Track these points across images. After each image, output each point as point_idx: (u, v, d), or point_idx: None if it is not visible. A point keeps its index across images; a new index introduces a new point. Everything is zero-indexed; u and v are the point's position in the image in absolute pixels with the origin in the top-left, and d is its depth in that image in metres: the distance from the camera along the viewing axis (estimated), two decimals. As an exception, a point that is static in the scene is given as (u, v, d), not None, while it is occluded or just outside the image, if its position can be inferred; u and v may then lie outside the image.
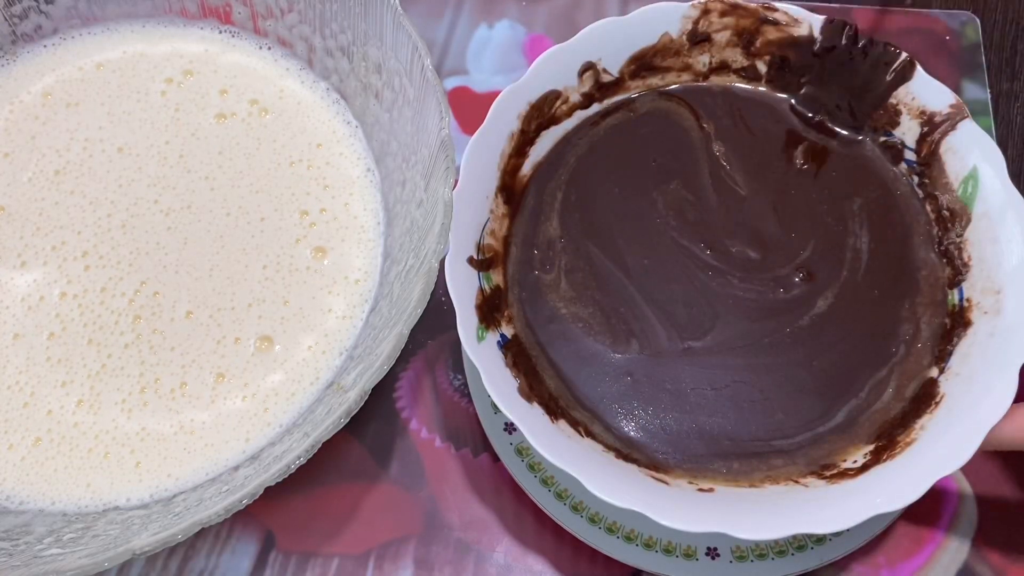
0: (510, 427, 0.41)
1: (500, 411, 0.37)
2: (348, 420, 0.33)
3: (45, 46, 0.46)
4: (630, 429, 0.36)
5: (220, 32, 0.46)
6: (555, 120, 0.40)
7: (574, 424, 0.36)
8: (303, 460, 0.33)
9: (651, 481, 0.34)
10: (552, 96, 0.40)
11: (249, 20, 0.46)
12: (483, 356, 0.35)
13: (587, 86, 0.40)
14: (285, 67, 0.46)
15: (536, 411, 0.35)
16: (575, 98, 0.40)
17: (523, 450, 0.40)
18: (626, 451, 0.35)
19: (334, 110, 0.45)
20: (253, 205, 0.43)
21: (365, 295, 0.41)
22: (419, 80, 0.39)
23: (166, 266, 0.42)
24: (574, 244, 0.39)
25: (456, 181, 0.37)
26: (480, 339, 0.35)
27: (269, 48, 0.46)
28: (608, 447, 0.35)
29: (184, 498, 0.37)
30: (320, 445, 0.33)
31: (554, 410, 0.36)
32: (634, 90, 0.42)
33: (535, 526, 0.42)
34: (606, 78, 0.41)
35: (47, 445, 0.39)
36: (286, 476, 0.32)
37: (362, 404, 0.34)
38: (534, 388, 0.36)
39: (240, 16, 0.46)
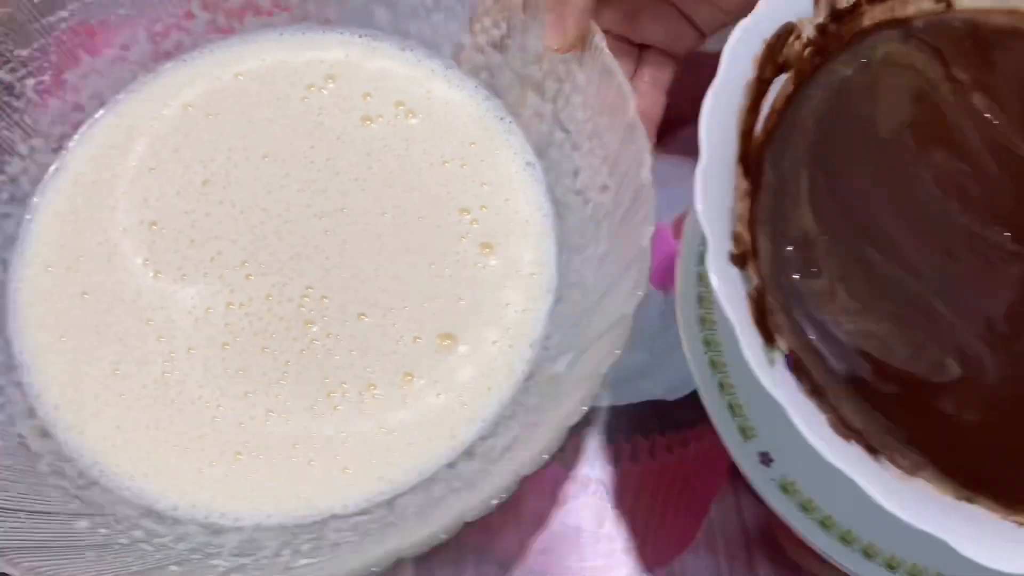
0: (765, 458, 0.35)
1: (751, 438, 0.34)
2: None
3: (184, 60, 0.45)
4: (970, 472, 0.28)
5: (360, 36, 0.45)
6: (787, 65, 0.33)
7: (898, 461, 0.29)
8: (555, 447, 0.30)
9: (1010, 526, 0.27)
10: (786, 31, 0.32)
11: (391, 23, 0.45)
12: (780, 384, 0.27)
13: (822, 15, 0.33)
14: (430, 68, 0.45)
15: (855, 450, 0.28)
16: (809, 33, 0.33)
17: (787, 486, 0.34)
18: (967, 494, 0.28)
19: (485, 107, 0.44)
20: (409, 204, 0.41)
21: (544, 287, 0.40)
22: (591, 62, 0.38)
23: (328, 269, 0.40)
24: (843, 246, 0.31)
25: (652, 160, 0.35)
26: (771, 362, 0.28)
27: (412, 50, 0.45)
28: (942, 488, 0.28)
29: (408, 500, 0.35)
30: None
31: (873, 447, 0.29)
32: (869, 20, 0.34)
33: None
34: (842, 3, 0.33)
35: (247, 458, 0.36)
36: (541, 464, 0.30)
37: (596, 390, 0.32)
38: (845, 421, 0.29)
39: (382, 20, 0.45)
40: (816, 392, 0.29)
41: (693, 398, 0.36)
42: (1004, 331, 0.30)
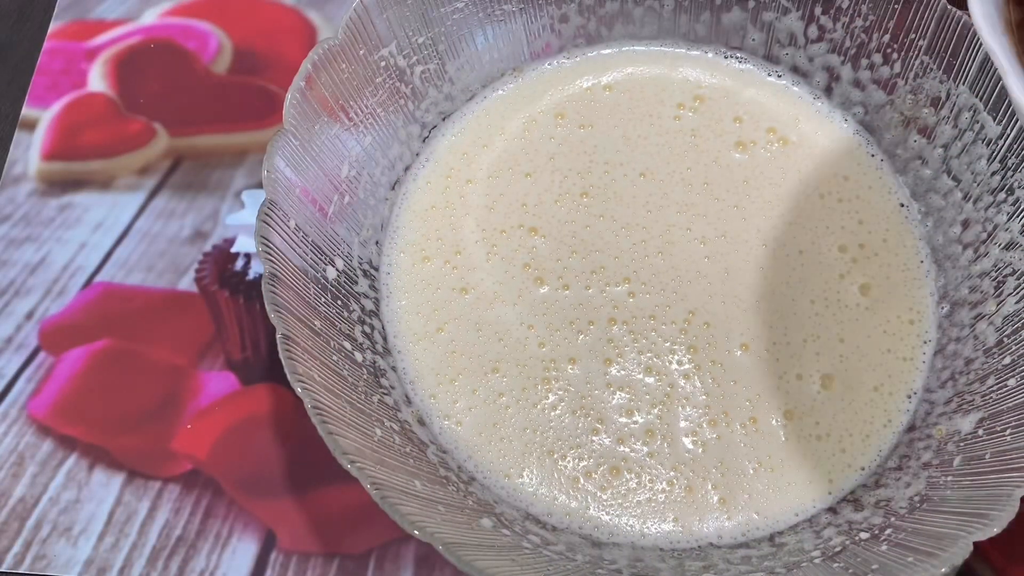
0: None
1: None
2: None
3: (551, 64, 0.45)
4: None
5: (726, 58, 0.45)
6: None
7: None
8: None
9: None
10: None
11: (762, 46, 0.45)
12: None
13: None
14: (798, 95, 0.44)
15: None
16: None
17: None
18: None
19: (855, 141, 0.43)
20: (789, 237, 0.41)
21: (923, 336, 0.40)
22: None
23: (711, 295, 0.40)
24: None
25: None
26: None
27: (779, 76, 0.45)
28: None
29: (792, 539, 0.35)
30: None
31: None
32: None
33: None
34: None
35: (626, 475, 0.37)
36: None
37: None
38: None
39: (753, 43, 0.45)
40: None
41: None
42: None
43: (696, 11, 0.45)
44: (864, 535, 0.35)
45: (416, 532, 0.31)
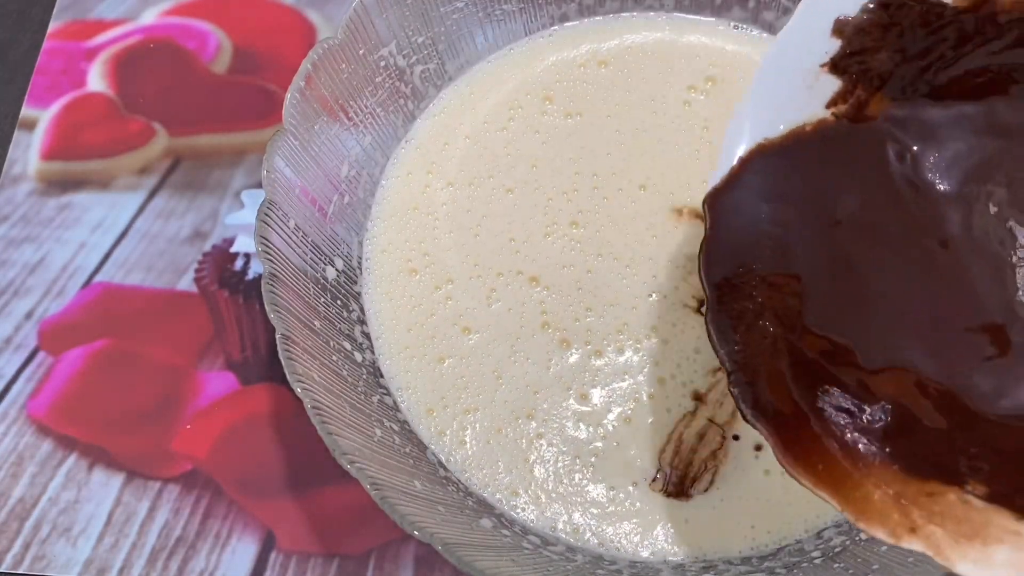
0: None
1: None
2: None
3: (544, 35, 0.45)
4: None
5: (736, 28, 0.44)
6: None
7: None
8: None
9: None
10: None
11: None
12: None
13: None
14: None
15: None
16: None
17: None
18: None
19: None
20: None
21: None
22: None
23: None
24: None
25: None
26: None
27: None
28: None
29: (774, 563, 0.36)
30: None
31: None
32: None
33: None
34: None
35: (626, 493, 0.37)
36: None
37: None
38: None
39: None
40: None
41: None
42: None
43: (697, 11, 0.45)
44: (864, 535, 0.34)
45: (416, 532, 0.31)
